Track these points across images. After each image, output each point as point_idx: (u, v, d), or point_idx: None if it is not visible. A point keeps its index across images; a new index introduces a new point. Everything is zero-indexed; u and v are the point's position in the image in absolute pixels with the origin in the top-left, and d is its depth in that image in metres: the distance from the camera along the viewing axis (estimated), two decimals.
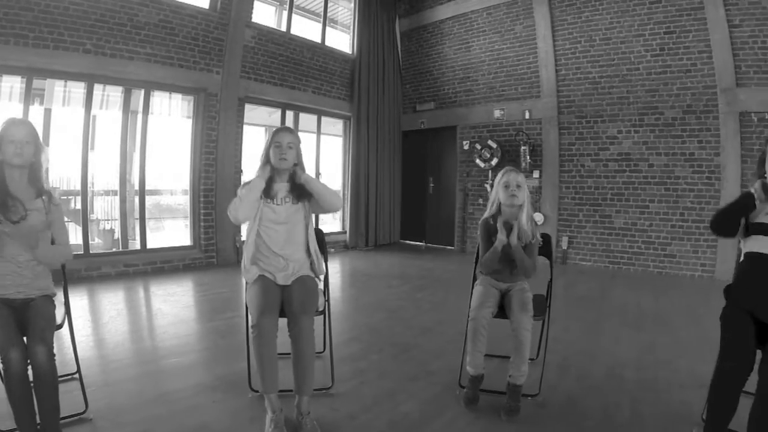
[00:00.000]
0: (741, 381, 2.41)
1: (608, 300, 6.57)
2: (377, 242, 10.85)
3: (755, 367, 2.40)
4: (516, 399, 3.11)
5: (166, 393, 3.25)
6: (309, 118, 9.97)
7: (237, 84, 8.29)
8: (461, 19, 10.49)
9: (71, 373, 3.17)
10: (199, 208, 8.01)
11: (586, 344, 4.60)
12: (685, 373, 3.88)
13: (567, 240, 9.21)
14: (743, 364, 2.41)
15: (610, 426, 3.00)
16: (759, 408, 2.31)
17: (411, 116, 11.48)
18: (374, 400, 3.26)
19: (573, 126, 9.16)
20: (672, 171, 8.30)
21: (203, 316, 5.38)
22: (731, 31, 7.70)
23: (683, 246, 8.23)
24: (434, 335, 4.76)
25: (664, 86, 8.30)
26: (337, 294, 6.59)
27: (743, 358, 2.42)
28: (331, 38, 10.45)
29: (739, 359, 2.42)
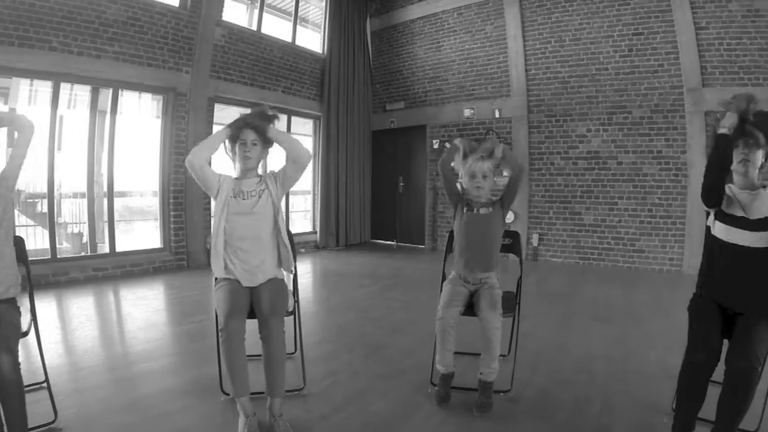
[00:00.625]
0: (708, 371, 2.46)
1: (579, 295, 6.61)
2: (348, 242, 10.77)
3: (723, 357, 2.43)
4: (488, 395, 3.11)
5: (137, 399, 3.17)
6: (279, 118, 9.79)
7: (207, 83, 8.12)
8: (432, 19, 10.46)
9: (39, 382, 3.07)
10: (169, 210, 7.82)
11: (557, 339, 4.64)
12: (654, 365, 3.95)
13: (537, 237, 9.26)
14: (710, 355, 2.45)
15: (581, 418, 3.03)
16: (727, 397, 2.34)
17: (381, 116, 11.41)
18: (346, 401, 3.23)
19: (543, 125, 9.21)
20: (640, 168, 8.42)
21: (174, 319, 5.25)
22: (697, 33, 7.88)
23: (651, 241, 8.37)
24: (405, 334, 4.73)
25: (632, 86, 8.42)
26: (307, 294, 6.51)
27: (710, 348, 2.46)
28: (302, 37, 10.32)
29: (706, 350, 2.47)
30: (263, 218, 3.09)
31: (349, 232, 10.84)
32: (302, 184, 10.84)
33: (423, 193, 10.74)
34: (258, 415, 2.79)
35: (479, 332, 3.10)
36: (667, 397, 3.12)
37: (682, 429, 2.59)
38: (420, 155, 10.83)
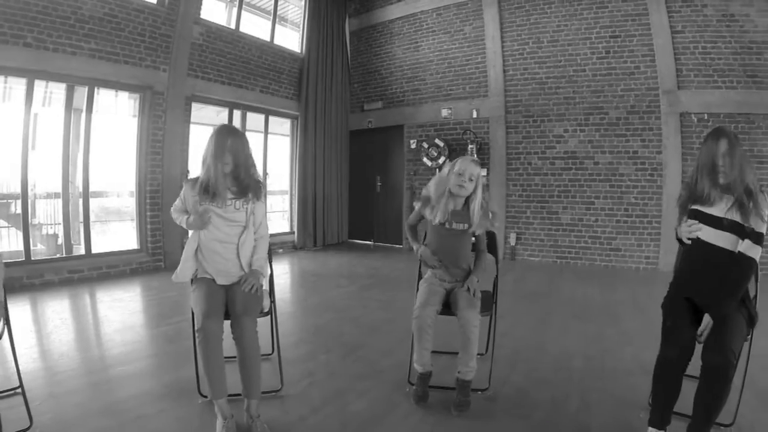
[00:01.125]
0: (682, 366, 2.51)
1: (556, 294, 6.65)
2: (325, 242, 10.66)
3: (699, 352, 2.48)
4: (465, 394, 3.12)
5: (114, 403, 3.09)
6: (256, 118, 9.68)
7: (184, 82, 7.95)
8: (411, 19, 10.40)
9: (13, 388, 3.00)
10: (146, 210, 7.64)
11: (534, 337, 4.66)
12: (631, 361, 3.98)
13: (515, 236, 9.25)
14: (683, 351, 2.51)
15: (559, 415, 3.05)
16: (703, 392, 2.38)
17: (358, 115, 11.32)
18: (324, 401, 3.20)
19: (520, 125, 9.22)
20: (616, 168, 8.49)
21: (151, 321, 5.13)
22: (673, 36, 8.02)
23: (628, 240, 8.46)
24: (383, 334, 4.70)
25: (609, 87, 8.50)
26: (285, 295, 6.44)
27: (683, 345, 2.51)
28: (281, 36, 10.19)
29: (679, 346, 2.52)
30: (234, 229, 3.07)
31: (327, 232, 10.73)
32: (280, 184, 10.76)
33: (400, 193, 10.67)
34: (236, 417, 2.76)
35: (457, 331, 3.10)
36: (643, 392, 3.15)
37: (658, 423, 2.63)
38: (397, 155, 10.76)
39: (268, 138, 9.98)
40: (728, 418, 2.79)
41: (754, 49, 7.73)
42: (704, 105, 7.89)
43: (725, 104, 7.81)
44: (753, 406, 3.09)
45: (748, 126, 7.74)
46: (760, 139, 7.72)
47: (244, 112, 9.36)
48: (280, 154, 10.54)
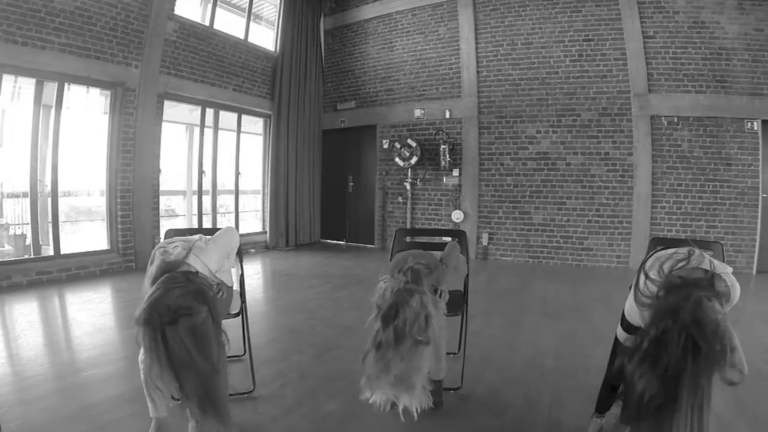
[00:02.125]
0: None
1: (528, 293, 6.64)
2: (298, 242, 10.45)
3: None
4: (438, 393, 3.06)
5: (85, 408, 2.97)
6: (229, 116, 9.44)
7: (156, 79, 7.66)
8: (386, 19, 10.26)
9: None
10: (116, 210, 7.33)
11: (507, 336, 4.65)
12: (602, 359, 3.79)
13: (487, 236, 9.21)
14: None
15: (532, 413, 3.07)
16: None
17: (331, 115, 11.14)
18: (297, 402, 3.16)
19: (493, 126, 9.18)
20: (588, 169, 8.53)
21: (121, 323, 4.95)
22: (645, 41, 8.16)
23: (599, 239, 8.51)
24: (355, 334, 4.61)
25: (582, 90, 8.54)
26: (257, 295, 6.30)
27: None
28: (255, 34, 9.94)
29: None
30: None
31: (299, 232, 10.52)
32: (252, 183, 10.54)
33: (372, 193, 10.56)
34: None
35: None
36: None
37: (601, 408, 2.73)
38: (370, 155, 10.64)
39: (241, 137, 9.72)
40: None
41: (723, 55, 7.94)
42: (674, 108, 8.04)
43: (695, 108, 7.97)
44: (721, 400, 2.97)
45: (716, 129, 7.92)
46: (728, 142, 7.91)
47: (217, 110, 9.10)
48: (252, 153, 10.31)
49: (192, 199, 8.90)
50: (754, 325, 5.20)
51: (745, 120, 7.87)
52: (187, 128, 9.24)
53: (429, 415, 2.93)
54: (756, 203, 7.89)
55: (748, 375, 3.54)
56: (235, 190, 9.66)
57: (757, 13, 7.87)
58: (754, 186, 7.89)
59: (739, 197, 7.90)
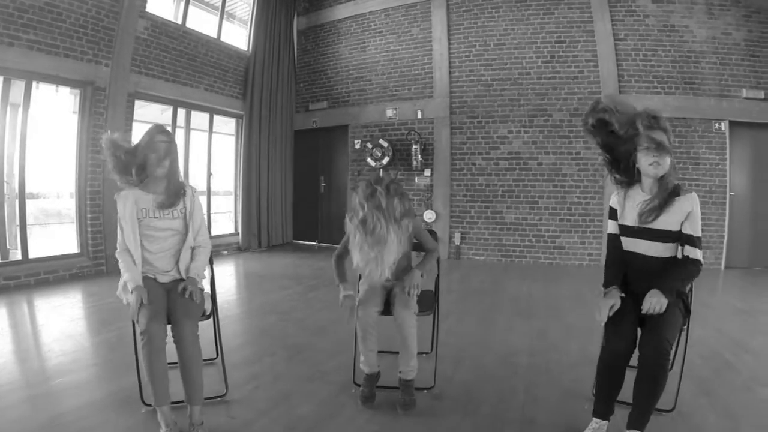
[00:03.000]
0: (625, 359, 2.55)
1: (501, 292, 6.62)
2: (270, 243, 10.25)
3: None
4: (410, 393, 3.08)
5: (55, 417, 2.85)
6: (201, 117, 9.18)
7: (127, 78, 7.37)
8: (359, 19, 10.12)
9: None
10: (86, 212, 7.02)
11: (480, 335, 4.64)
12: (575, 354, 4.04)
13: (459, 236, 9.16)
14: (626, 344, 2.53)
15: (506, 410, 3.07)
16: (642, 382, 2.44)
17: (303, 115, 10.94)
18: (270, 404, 3.10)
19: (465, 126, 9.14)
20: (560, 169, 8.57)
21: (92, 329, 4.76)
22: (616, 44, 8.28)
23: (571, 238, 8.55)
24: (328, 335, 4.59)
25: (553, 90, 8.58)
26: (229, 297, 6.15)
27: (626, 338, 2.53)
28: (228, 33, 9.70)
29: (623, 339, 2.53)
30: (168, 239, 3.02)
31: (272, 233, 10.33)
32: (224, 184, 10.27)
33: (344, 193, 10.40)
34: (180, 424, 2.67)
35: (396, 331, 3.07)
36: (588, 384, 3.21)
37: (602, 413, 2.68)
38: (342, 155, 10.50)
39: (213, 137, 9.46)
40: (668, 404, 2.91)
41: (692, 58, 8.13)
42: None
43: (664, 109, 7.82)
44: (692, 392, 3.24)
45: (685, 130, 8.07)
46: (696, 141, 8.08)
47: (189, 110, 8.83)
48: (224, 154, 10.06)
49: None
50: (724, 319, 5.29)
51: (713, 121, 8.08)
52: None
53: (400, 415, 2.99)
54: (723, 201, 8.08)
55: (718, 367, 3.75)
56: (207, 191, 9.41)
57: (725, 18, 8.10)
58: (722, 184, 8.08)
59: (707, 195, 8.05)
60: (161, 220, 2.94)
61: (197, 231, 3.06)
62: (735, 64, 8.13)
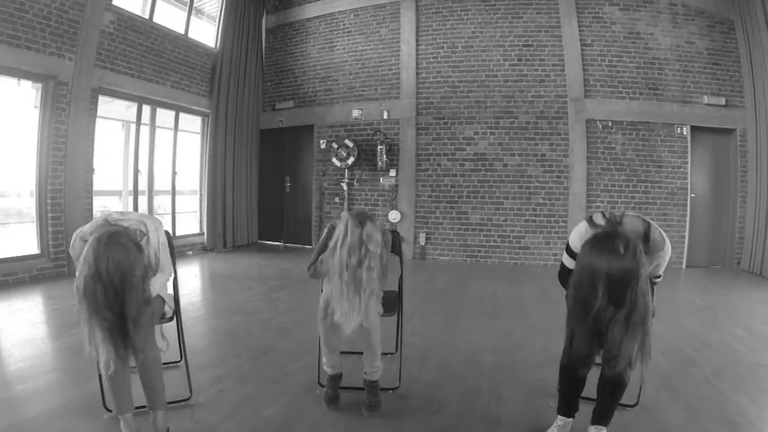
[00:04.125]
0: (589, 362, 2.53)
1: (466, 292, 6.69)
2: (235, 243, 10.08)
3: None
4: (375, 394, 3.09)
5: (14, 425, 2.76)
6: (167, 114, 8.98)
7: (91, 73, 7.14)
8: (328, 19, 10.05)
9: None
10: (47, 212, 6.77)
11: (445, 335, 4.67)
12: (540, 353, 4.12)
13: (425, 236, 9.17)
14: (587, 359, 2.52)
15: (471, 409, 3.10)
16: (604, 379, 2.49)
17: (270, 114, 10.81)
18: (235, 407, 3.08)
19: (431, 127, 9.18)
20: (525, 170, 8.67)
21: (52, 333, 4.62)
22: (583, 49, 8.45)
23: (536, 238, 8.66)
24: (292, 336, 4.58)
25: (520, 93, 8.69)
26: (193, 298, 6.04)
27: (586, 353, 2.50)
28: (196, 30, 9.51)
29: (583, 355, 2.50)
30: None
31: (237, 233, 10.18)
32: (190, 183, 10.02)
33: (309, 193, 10.33)
34: (144, 431, 2.62)
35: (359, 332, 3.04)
36: (552, 382, 3.14)
37: (566, 411, 2.71)
38: (307, 155, 10.41)
39: (178, 135, 9.25)
40: (632, 399, 2.99)
41: (656, 65, 8.39)
42: (609, 113, 8.36)
43: (628, 113, 8.35)
44: (655, 387, 3.36)
45: (648, 133, 8.32)
46: (659, 145, 8.33)
47: (154, 107, 8.62)
48: (190, 153, 9.85)
49: (128, 200, 8.31)
50: (685, 316, 5.46)
51: (675, 125, 8.33)
52: (123, 125, 8.63)
53: (368, 416, 3.01)
54: (685, 203, 8.32)
55: (680, 362, 3.84)
56: (172, 190, 9.20)
57: (689, 27, 8.41)
58: (683, 187, 8.33)
59: (669, 197, 8.30)
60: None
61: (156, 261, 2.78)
62: (697, 72, 8.41)
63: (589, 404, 2.67)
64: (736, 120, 8.37)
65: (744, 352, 4.23)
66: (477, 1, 8.95)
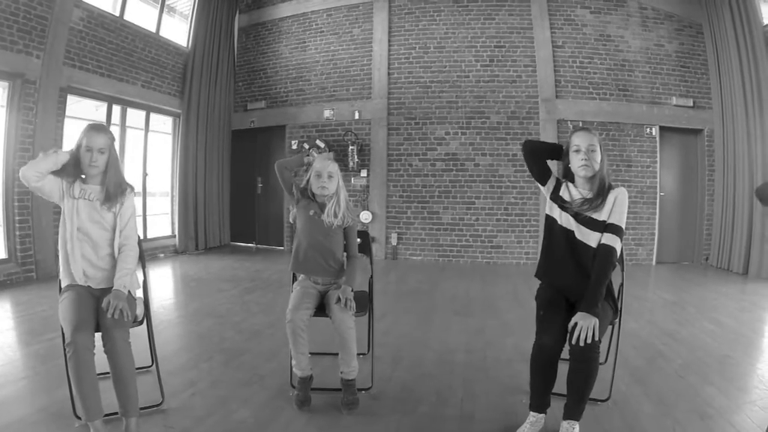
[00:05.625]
0: (556, 353, 2.64)
1: (439, 291, 6.74)
2: (207, 245, 10.06)
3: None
4: (352, 392, 3.13)
5: None
6: (137, 114, 8.94)
7: (60, 71, 7.09)
8: (301, 19, 10.14)
9: None
10: (14, 215, 6.67)
11: (417, 335, 4.71)
12: (512, 350, 4.18)
13: (396, 236, 9.29)
14: (557, 339, 2.62)
15: (444, 408, 3.12)
16: (573, 375, 2.54)
17: (241, 115, 10.84)
18: (208, 411, 3.04)
19: (402, 127, 9.32)
20: (496, 170, 8.85)
21: (21, 340, 4.51)
22: (554, 50, 8.70)
23: (508, 237, 8.83)
24: (264, 338, 4.57)
25: (492, 93, 8.88)
26: (165, 302, 6.01)
27: (556, 333, 2.62)
28: (167, 28, 9.49)
29: (553, 335, 2.63)
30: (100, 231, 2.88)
31: (209, 235, 10.16)
32: (161, 185, 9.98)
33: (281, 194, 10.25)
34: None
35: (334, 332, 3.10)
36: (525, 379, 3.18)
37: (538, 408, 2.75)
38: (279, 155, 10.29)
39: (149, 136, 9.21)
40: (604, 394, 3.06)
41: (626, 67, 8.67)
42: (579, 113, 8.58)
43: (598, 113, 8.58)
44: (626, 382, 3.45)
45: (618, 133, 8.56)
46: (629, 145, 8.58)
47: (124, 107, 8.58)
48: (161, 154, 9.82)
49: None
50: (655, 311, 5.62)
51: (645, 126, 8.62)
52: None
53: (341, 416, 3.02)
54: (654, 201, 8.60)
55: (651, 357, 3.97)
56: (143, 192, 9.16)
57: (658, 31, 8.73)
58: (653, 185, 8.62)
59: (639, 195, 8.55)
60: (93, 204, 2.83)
61: (124, 224, 2.91)
62: (666, 74, 8.71)
63: (562, 400, 2.71)
64: (703, 121, 8.69)
65: (713, 345, 4.37)
66: (450, 3, 9.13)
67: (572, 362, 2.52)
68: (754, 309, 5.91)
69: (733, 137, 8.03)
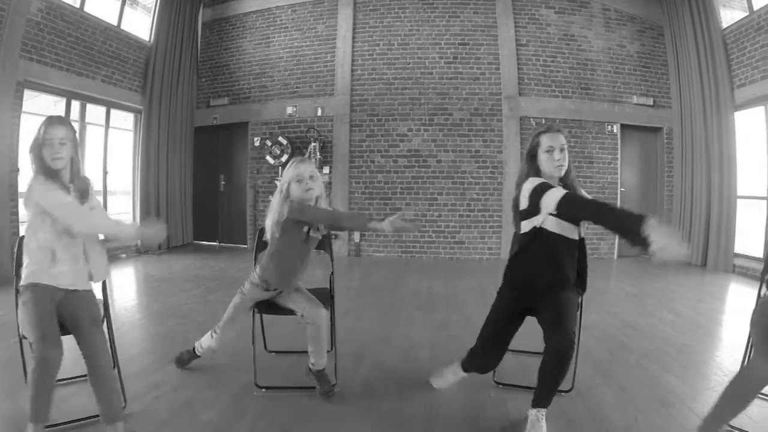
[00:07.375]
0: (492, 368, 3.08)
1: (402, 287, 6.85)
2: (170, 244, 10.01)
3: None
4: (327, 381, 3.21)
5: None
6: (97, 110, 8.90)
7: (16, 65, 6.96)
8: (265, 14, 10.25)
9: None
10: None
11: (381, 331, 4.75)
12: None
13: (359, 233, 9.41)
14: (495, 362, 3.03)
15: (409, 404, 3.15)
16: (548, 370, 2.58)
17: (204, 111, 10.84)
18: (172, 414, 3.00)
19: (364, 123, 9.50)
20: (459, 166, 9.08)
21: None
22: (518, 48, 8.98)
23: (471, 233, 9.05)
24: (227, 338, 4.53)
25: (455, 90, 9.11)
26: (126, 303, 5.93)
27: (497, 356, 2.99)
28: (129, 21, 9.43)
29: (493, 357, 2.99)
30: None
31: (171, 234, 10.08)
32: (122, 183, 9.91)
33: (244, 192, 10.43)
34: None
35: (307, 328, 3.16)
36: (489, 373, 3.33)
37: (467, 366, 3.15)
38: (241, 153, 10.53)
39: (109, 132, 9.16)
40: (567, 385, 3.08)
41: (588, 66, 9.03)
42: (542, 111, 8.88)
43: (561, 111, 8.90)
44: (589, 373, 3.57)
45: (580, 131, 8.89)
46: (590, 142, 8.93)
47: (84, 103, 8.52)
48: (121, 151, 9.75)
49: None
50: (616, 303, 5.84)
51: (606, 123, 9.01)
52: None
53: (303, 415, 3.03)
54: (615, 196, 8.96)
55: (612, 347, 4.19)
56: (103, 190, 9.06)
57: (621, 32, 9.15)
58: (614, 181, 9.02)
59: (601, 191, 8.89)
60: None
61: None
62: (628, 74, 9.10)
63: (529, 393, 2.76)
64: (663, 119, 9.10)
65: (672, 335, 4.57)
66: (415, 0, 9.33)
67: (548, 358, 2.56)
68: (712, 300, 6.26)
69: (691, 135, 8.41)
